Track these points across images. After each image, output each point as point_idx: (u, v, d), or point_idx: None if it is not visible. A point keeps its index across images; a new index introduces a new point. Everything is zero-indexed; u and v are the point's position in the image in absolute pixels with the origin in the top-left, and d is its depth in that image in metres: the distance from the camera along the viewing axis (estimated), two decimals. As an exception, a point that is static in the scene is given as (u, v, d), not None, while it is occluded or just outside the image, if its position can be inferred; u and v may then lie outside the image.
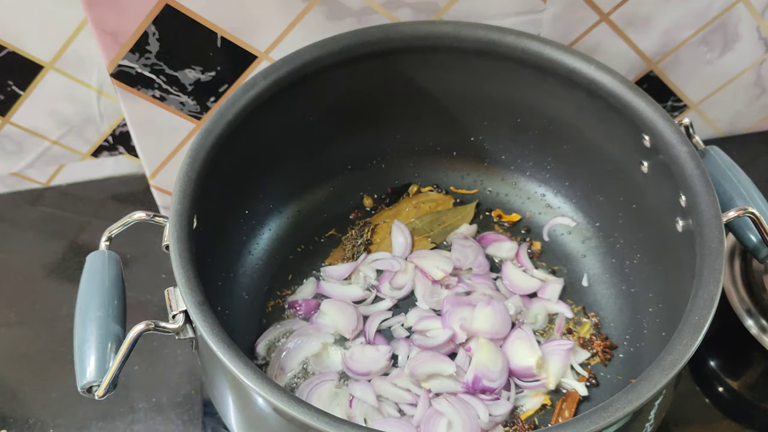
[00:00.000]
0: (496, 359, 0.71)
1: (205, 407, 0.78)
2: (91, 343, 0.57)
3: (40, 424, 0.77)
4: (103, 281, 0.61)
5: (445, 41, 0.73)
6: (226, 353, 0.54)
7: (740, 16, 0.84)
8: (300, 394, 0.71)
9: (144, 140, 0.82)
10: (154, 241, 0.67)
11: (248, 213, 0.78)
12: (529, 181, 0.85)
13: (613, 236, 0.80)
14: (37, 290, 0.86)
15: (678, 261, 0.66)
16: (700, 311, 0.57)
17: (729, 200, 0.66)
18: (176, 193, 0.62)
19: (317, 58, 0.70)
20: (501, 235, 0.84)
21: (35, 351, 0.82)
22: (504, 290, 0.79)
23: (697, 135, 0.70)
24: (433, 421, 0.68)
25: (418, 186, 0.87)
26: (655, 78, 0.89)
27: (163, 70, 0.76)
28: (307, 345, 0.74)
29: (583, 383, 0.73)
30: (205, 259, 0.64)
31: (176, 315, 0.58)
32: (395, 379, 0.71)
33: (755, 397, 0.80)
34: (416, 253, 0.81)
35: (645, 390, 0.53)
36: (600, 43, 0.83)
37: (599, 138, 0.75)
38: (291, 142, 0.77)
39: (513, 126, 0.81)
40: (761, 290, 0.80)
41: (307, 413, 0.51)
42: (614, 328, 0.77)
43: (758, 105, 0.96)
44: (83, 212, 0.93)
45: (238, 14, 0.73)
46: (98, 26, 0.71)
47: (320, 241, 0.83)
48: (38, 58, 0.81)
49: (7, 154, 0.91)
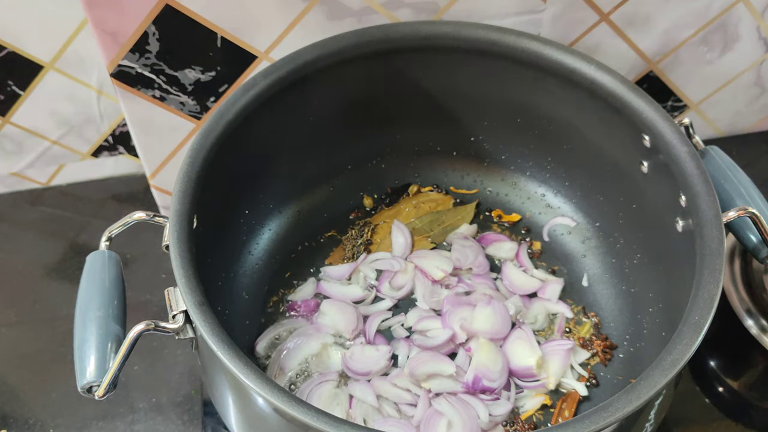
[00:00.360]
0: (496, 359, 0.71)
1: (205, 407, 0.78)
2: (91, 343, 0.57)
3: (40, 424, 0.77)
4: (103, 281, 0.61)
5: (445, 41, 0.73)
6: (226, 353, 0.54)
7: (740, 16, 0.84)
8: (300, 394, 0.71)
9: (144, 140, 0.82)
10: (154, 241, 0.67)
11: (248, 213, 0.78)
12: (529, 181, 0.85)
13: (613, 236, 0.80)
14: (37, 290, 0.86)
15: (678, 261, 0.66)
16: (700, 311, 0.57)
17: (729, 200, 0.66)
18: (176, 193, 0.62)
19: (317, 58, 0.70)
20: (501, 235, 0.84)
21: (35, 351, 0.82)
22: (504, 290, 0.79)
23: (697, 135, 0.70)
24: (433, 421, 0.68)
25: (418, 186, 0.87)
26: (655, 78, 0.89)
27: (163, 70, 0.76)
28: (307, 345, 0.74)
29: (583, 383, 0.73)
30: (205, 259, 0.64)
31: (176, 315, 0.58)
32: (395, 379, 0.71)
33: (755, 397, 0.80)
34: (416, 253, 0.81)
35: (645, 390, 0.53)
36: (600, 43, 0.83)
37: (599, 138, 0.75)
38: (291, 142, 0.77)
39: (513, 126, 0.81)
40: (761, 290, 0.80)
41: (307, 413, 0.51)
42: (614, 328, 0.77)
43: (758, 105, 0.96)
44: (83, 212, 0.93)
45: (238, 14, 0.73)
46: (98, 26, 0.71)
47: (320, 241, 0.83)
48: (38, 58, 0.81)
49: (7, 154, 0.91)
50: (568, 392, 0.73)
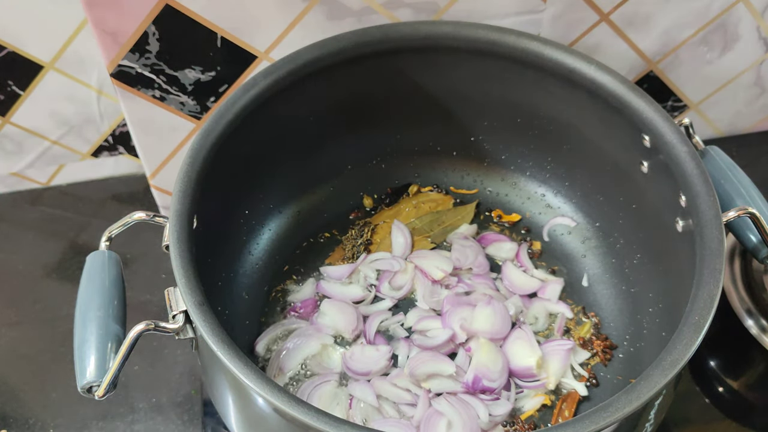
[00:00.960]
0: (496, 359, 0.71)
1: (205, 407, 0.78)
2: (91, 343, 0.57)
3: (40, 424, 0.77)
4: (103, 281, 0.61)
5: (445, 41, 0.73)
6: (226, 353, 0.54)
7: (740, 16, 0.84)
8: (301, 394, 0.71)
9: (144, 140, 0.82)
10: (154, 241, 0.67)
11: (248, 213, 0.78)
12: (529, 181, 0.85)
13: (613, 236, 0.80)
14: (37, 290, 0.86)
15: (678, 261, 0.66)
16: (700, 311, 0.57)
17: (729, 200, 0.66)
18: (176, 193, 0.62)
19: (317, 58, 0.70)
20: (501, 235, 0.84)
21: (35, 351, 0.82)
22: (504, 290, 0.79)
23: (697, 135, 0.70)
24: (433, 421, 0.68)
25: (418, 186, 0.87)
26: (655, 78, 0.89)
27: (163, 70, 0.76)
28: (307, 345, 0.74)
29: (583, 383, 0.73)
30: (205, 259, 0.64)
31: (176, 315, 0.58)
32: (395, 379, 0.71)
33: (755, 397, 0.80)
34: (416, 253, 0.81)
35: (645, 390, 0.53)
36: (600, 43, 0.83)
37: (599, 138, 0.75)
38: (291, 142, 0.77)
39: (513, 126, 0.81)
40: (761, 290, 0.80)
41: (307, 413, 0.51)
42: (614, 328, 0.77)
43: (758, 105, 0.96)
44: (83, 212, 0.93)
45: (238, 14, 0.73)
46: (98, 26, 0.71)
47: (320, 241, 0.83)
48: (38, 58, 0.81)
49: (7, 154, 0.91)
50: (568, 392, 0.73)
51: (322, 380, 0.72)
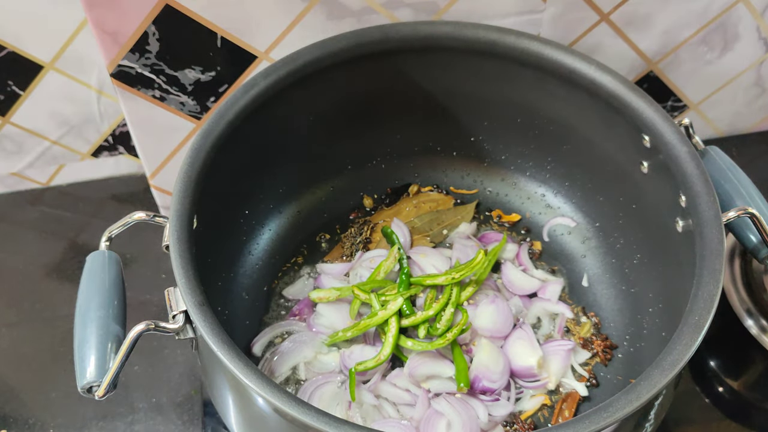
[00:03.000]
0: (497, 360, 0.71)
1: (205, 407, 0.78)
2: (91, 343, 0.57)
3: (40, 424, 0.77)
4: (103, 281, 0.61)
5: (445, 41, 0.73)
6: (226, 353, 0.54)
7: (740, 16, 0.84)
8: (303, 393, 0.71)
9: (144, 140, 0.82)
10: (154, 241, 0.67)
11: (248, 213, 0.78)
12: (529, 181, 0.85)
13: (613, 236, 0.80)
14: (37, 290, 0.86)
15: (678, 261, 0.66)
16: (700, 311, 0.57)
17: (729, 200, 0.66)
18: (176, 193, 0.62)
19: (317, 58, 0.70)
20: (501, 234, 0.84)
21: (35, 351, 0.82)
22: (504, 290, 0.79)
23: (697, 135, 0.70)
24: (433, 421, 0.68)
25: (418, 186, 0.87)
26: (655, 78, 0.89)
27: (163, 70, 0.76)
28: (300, 352, 0.73)
29: (583, 383, 0.73)
30: (205, 259, 0.64)
31: (176, 315, 0.58)
32: (395, 379, 0.71)
33: (755, 397, 0.80)
34: (415, 249, 0.81)
35: (645, 390, 0.53)
36: (600, 43, 0.83)
37: (599, 138, 0.75)
38: (291, 142, 0.77)
39: (513, 126, 0.81)
40: (761, 290, 0.80)
41: (307, 413, 0.51)
42: (614, 328, 0.77)
43: (758, 105, 0.96)
44: (83, 212, 0.93)
45: (238, 14, 0.73)
46: (98, 26, 0.71)
47: (320, 241, 0.83)
48: (38, 58, 0.81)
49: (7, 154, 0.91)
50: (568, 392, 0.73)
51: (326, 380, 0.72)
